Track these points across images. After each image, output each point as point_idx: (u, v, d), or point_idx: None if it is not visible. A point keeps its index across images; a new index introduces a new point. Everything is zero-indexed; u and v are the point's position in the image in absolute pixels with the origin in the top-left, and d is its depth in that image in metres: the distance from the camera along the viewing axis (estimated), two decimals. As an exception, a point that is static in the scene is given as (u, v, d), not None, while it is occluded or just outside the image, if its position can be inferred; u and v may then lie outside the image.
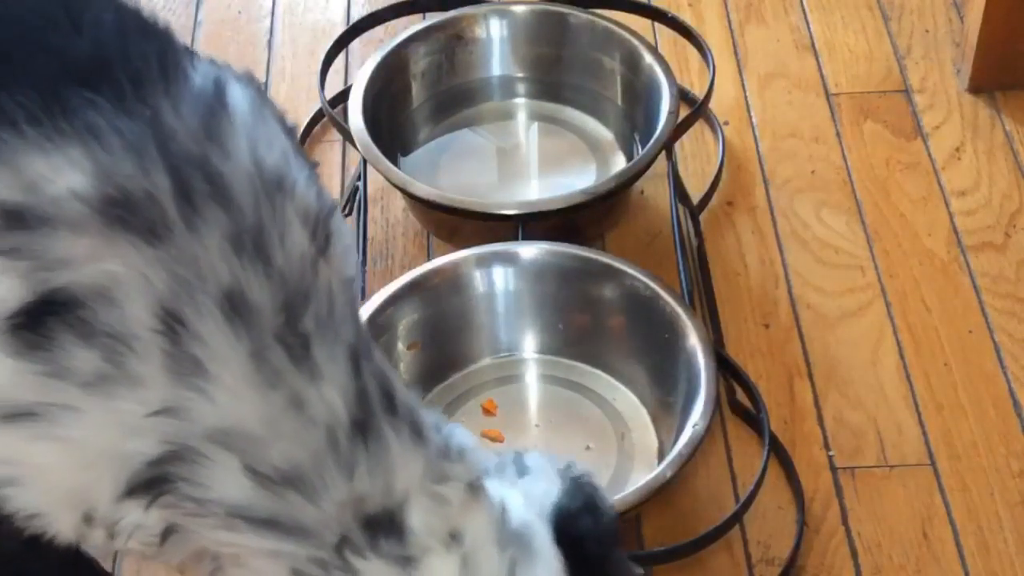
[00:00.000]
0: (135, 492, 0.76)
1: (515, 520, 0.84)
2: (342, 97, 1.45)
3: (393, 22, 1.51)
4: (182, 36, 1.61)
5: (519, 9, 1.47)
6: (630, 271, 1.24)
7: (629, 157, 1.42)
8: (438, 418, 0.84)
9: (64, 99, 0.72)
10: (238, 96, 0.77)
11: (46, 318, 0.72)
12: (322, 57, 1.45)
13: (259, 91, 0.80)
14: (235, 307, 0.74)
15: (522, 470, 0.88)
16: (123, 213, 0.72)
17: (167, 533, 0.79)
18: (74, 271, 0.72)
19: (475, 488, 0.82)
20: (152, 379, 0.73)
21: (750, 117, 1.50)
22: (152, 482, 0.76)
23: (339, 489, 0.77)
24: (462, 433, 0.84)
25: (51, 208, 0.71)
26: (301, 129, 1.47)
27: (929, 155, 1.45)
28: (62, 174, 0.71)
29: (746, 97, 1.52)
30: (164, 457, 0.75)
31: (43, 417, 0.73)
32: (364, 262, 1.34)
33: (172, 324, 0.73)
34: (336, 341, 0.77)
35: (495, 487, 0.84)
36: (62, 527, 0.79)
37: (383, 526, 0.79)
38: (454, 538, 0.80)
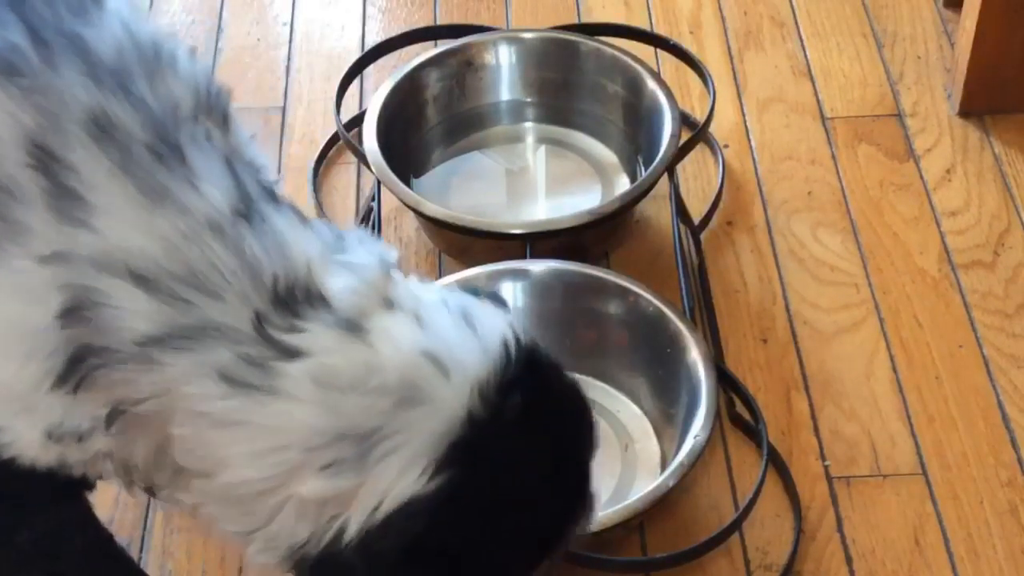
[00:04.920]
0: (62, 377, 0.75)
1: (443, 289, 0.81)
2: (357, 121, 1.45)
3: (406, 49, 1.50)
4: (204, 62, 1.66)
5: (527, 36, 1.47)
6: (634, 288, 1.24)
7: (633, 179, 1.43)
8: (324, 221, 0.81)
9: None
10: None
11: None
12: (338, 82, 1.45)
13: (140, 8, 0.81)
14: (101, 126, 0.73)
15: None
16: None
17: (111, 418, 0.77)
18: None
19: (386, 264, 0.79)
20: (37, 222, 0.73)
21: (749, 140, 1.50)
22: (72, 360, 0.74)
23: (235, 273, 0.74)
24: (356, 231, 0.82)
25: None
26: (318, 152, 1.48)
27: (921, 177, 1.46)
28: None
29: (745, 121, 1.52)
30: (68, 307, 0.73)
31: None
32: (378, 280, 1.36)
33: (44, 159, 0.73)
34: (211, 146, 0.77)
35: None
36: (27, 443, 0.78)
37: (300, 298, 0.75)
38: (390, 304, 0.76)
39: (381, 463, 0.75)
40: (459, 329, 0.78)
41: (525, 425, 0.79)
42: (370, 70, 1.53)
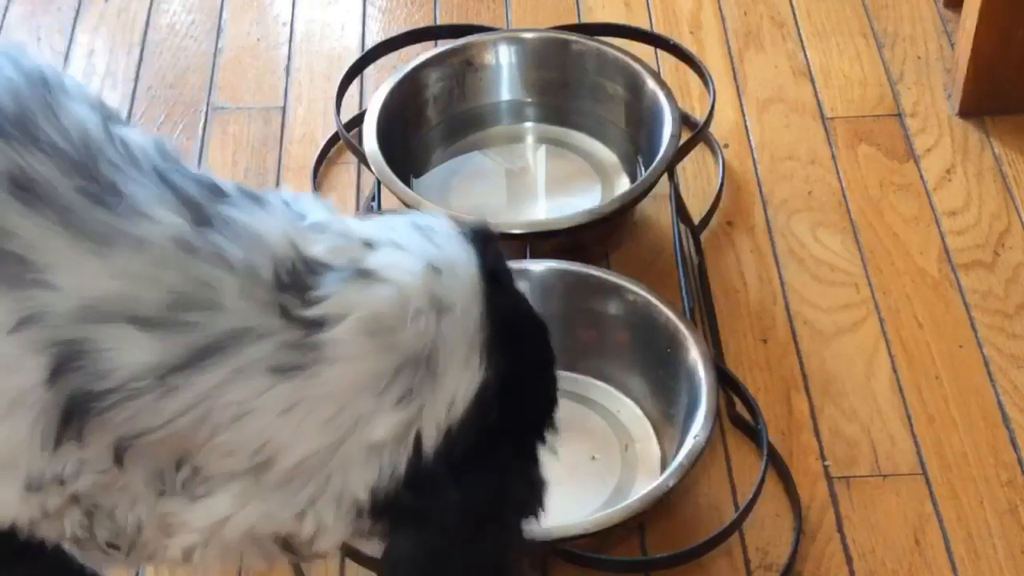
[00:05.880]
0: (63, 435, 0.74)
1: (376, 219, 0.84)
2: (357, 121, 1.45)
3: (406, 49, 1.51)
4: (204, 62, 1.67)
5: (528, 36, 1.48)
6: (634, 288, 1.25)
7: (633, 179, 1.43)
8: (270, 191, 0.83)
9: None
10: None
11: None
12: (338, 82, 1.46)
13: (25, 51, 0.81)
14: (24, 187, 0.73)
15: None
16: None
17: (119, 454, 0.76)
18: None
19: (335, 212, 0.82)
20: None
21: (749, 140, 1.51)
22: (68, 413, 0.74)
23: (224, 278, 0.75)
24: (288, 192, 0.83)
25: None
26: (318, 152, 1.49)
27: (921, 177, 1.46)
28: None
29: (745, 121, 1.53)
30: (56, 365, 0.73)
31: None
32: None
33: None
34: (137, 167, 0.76)
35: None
36: (5, 504, 0.77)
37: (304, 272, 0.77)
38: (369, 244, 0.80)
39: (445, 369, 0.80)
40: (425, 239, 0.83)
41: (514, 285, 0.88)
42: (370, 70, 1.53)
